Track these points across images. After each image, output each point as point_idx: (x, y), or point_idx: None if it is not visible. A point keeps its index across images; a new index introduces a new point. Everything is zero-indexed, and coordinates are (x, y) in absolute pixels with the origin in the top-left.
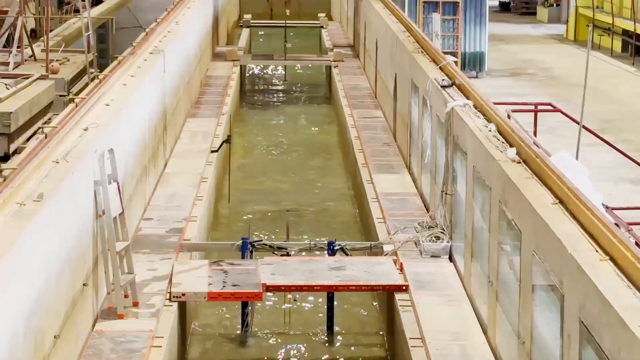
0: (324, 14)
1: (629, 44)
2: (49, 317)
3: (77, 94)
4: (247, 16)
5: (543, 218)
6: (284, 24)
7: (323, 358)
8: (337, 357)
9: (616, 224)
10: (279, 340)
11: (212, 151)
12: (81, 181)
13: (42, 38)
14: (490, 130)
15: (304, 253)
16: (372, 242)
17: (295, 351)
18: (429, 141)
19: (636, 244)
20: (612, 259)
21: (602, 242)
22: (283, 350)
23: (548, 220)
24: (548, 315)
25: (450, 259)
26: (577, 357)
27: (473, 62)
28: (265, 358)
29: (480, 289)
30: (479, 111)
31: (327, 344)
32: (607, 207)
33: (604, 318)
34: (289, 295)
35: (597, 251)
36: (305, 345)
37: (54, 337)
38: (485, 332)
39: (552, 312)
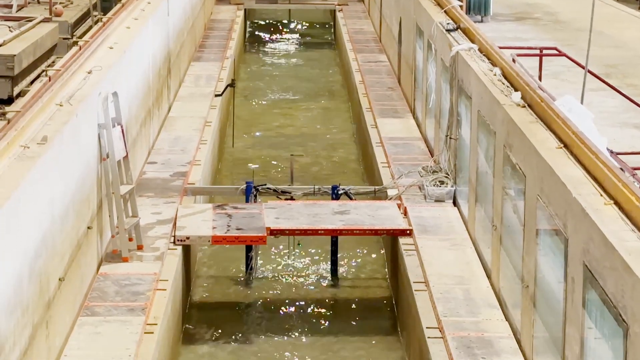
0: None
1: None
2: (54, 260)
3: (80, 36)
4: None
5: (547, 162)
6: None
7: (327, 301)
8: (341, 300)
9: (621, 169)
10: (283, 284)
11: (216, 95)
12: (85, 124)
13: None
14: (495, 75)
15: (308, 197)
16: (376, 187)
17: (299, 295)
18: (433, 85)
19: None
20: (616, 203)
21: (607, 186)
22: (287, 293)
23: (552, 164)
24: (552, 259)
25: (454, 203)
26: (580, 301)
27: (478, 6)
28: (269, 296)
29: (484, 233)
30: (484, 55)
31: (331, 288)
32: (611, 152)
33: (607, 262)
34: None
35: (601, 195)
36: (309, 289)
37: (59, 279)
38: (488, 276)
39: (555, 256)
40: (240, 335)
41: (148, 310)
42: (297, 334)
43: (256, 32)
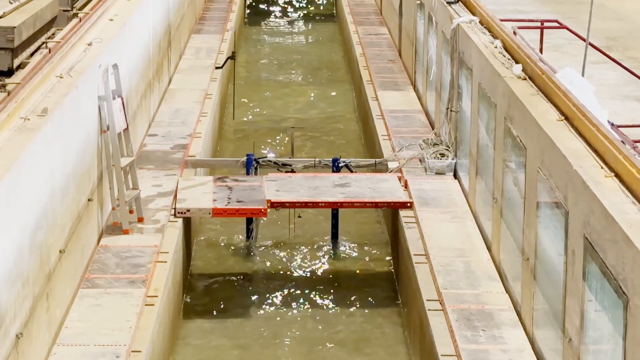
0: None
1: None
2: (54, 232)
3: (80, 8)
4: None
5: (548, 134)
6: None
7: (327, 274)
8: (342, 272)
9: (621, 141)
10: (284, 256)
11: (217, 67)
12: (85, 96)
13: None
14: (496, 47)
15: (308, 170)
16: (377, 159)
17: (299, 268)
18: (434, 58)
19: None
20: (617, 176)
21: (608, 158)
22: (287, 265)
23: (553, 136)
24: (552, 232)
25: (455, 176)
26: (581, 273)
27: None
28: (270, 269)
29: (484, 205)
30: (484, 28)
31: (331, 260)
32: (612, 124)
33: (608, 234)
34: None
35: (602, 167)
36: (309, 261)
37: (59, 251)
38: (489, 249)
39: (556, 228)
40: (240, 307)
41: (149, 283)
42: (297, 306)
43: (257, 5)
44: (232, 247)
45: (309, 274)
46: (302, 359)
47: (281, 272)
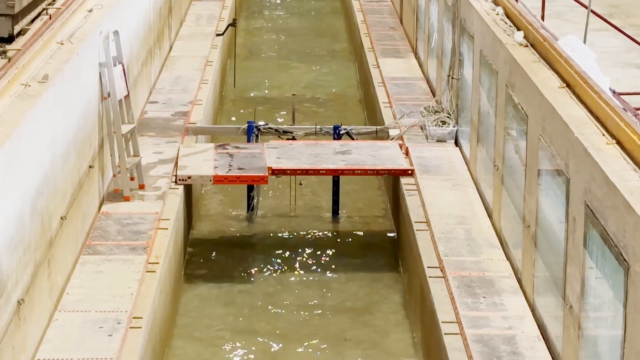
0: None
1: None
2: (55, 199)
3: None
4: None
5: (550, 102)
6: None
7: (328, 241)
8: (343, 240)
9: (623, 109)
10: (284, 224)
11: (218, 34)
12: (86, 63)
13: None
14: (497, 14)
15: (309, 137)
16: (378, 127)
17: (300, 235)
18: (435, 25)
19: None
20: (618, 143)
21: (609, 125)
22: (288, 233)
23: (555, 103)
24: (553, 199)
25: (456, 143)
26: (581, 240)
27: None
28: (270, 236)
29: (485, 173)
30: None
31: (332, 228)
32: (614, 92)
33: (609, 201)
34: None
35: (603, 135)
36: (310, 229)
37: (61, 218)
38: (490, 216)
39: (557, 195)
40: (241, 274)
41: (150, 249)
42: (298, 273)
43: None
44: (233, 215)
45: (310, 242)
46: (302, 325)
47: (282, 240)
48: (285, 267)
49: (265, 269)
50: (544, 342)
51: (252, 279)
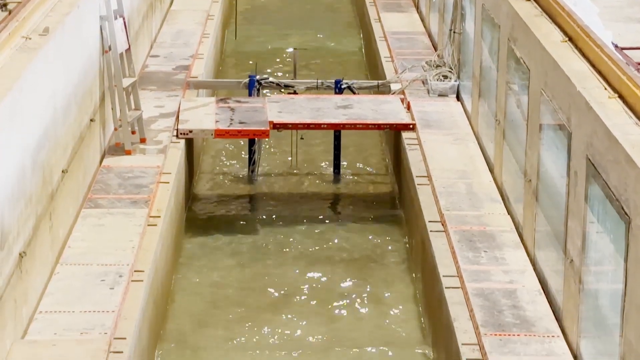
0: None
1: None
2: (57, 152)
3: None
4: None
5: (552, 56)
6: None
7: (330, 195)
8: (344, 195)
9: (626, 63)
10: (285, 178)
11: None
12: (87, 16)
13: None
14: None
15: (311, 91)
16: (380, 81)
17: (301, 189)
18: None
19: None
20: (620, 97)
21: (611, 79)
22: (289, 187)
23: (557, 57)
24: (555, 153)
25: (458, 97)
26: (583, 194)
27: None
28: (272, 191)
29: (487, 127)
30: None
31: (334, 182)
32: (616, 46)
33: (611, 155)
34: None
35: (605, 89)
36: (311, 183)
37: (62, 171)
38: (491, 171)
39: (558, 150)
40: (241, 227)
41: (151, 203)
42: (299, 227)
43: None
44: (234, 170)
45: (311, 196)
46: (303, 276)
47: (283, 194)
48: (286, 221)
49: (265, 222)
50: (544, 296)
51: (253, 233)
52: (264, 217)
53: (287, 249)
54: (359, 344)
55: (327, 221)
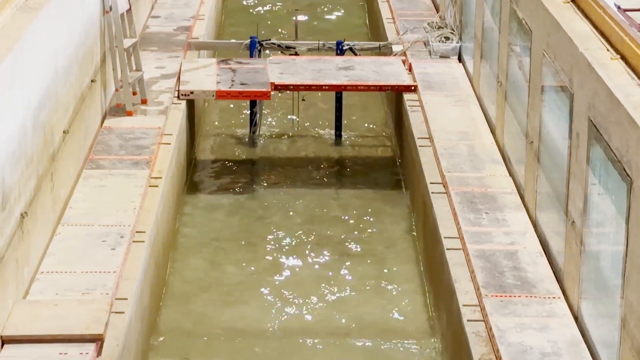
0: None
1: None
2: (58, 112)
3: None
4: None
5: (554, 17)
6: None
7: (331, 157)
8: (345, 157)
9: (628, 24)
10: (287, 141)
11: None
12: None
13: None
14: None
15: (312, 53)
16: (381, 43)
17: (303, 151)
18: None
19: None
20: (623, 58)
21: (614, 40)
22: (291, 149)
23: (559, 18)
24: (556, 115)
25: (460, 59)
26: (585, 156)
27: None
28: (273, 153)
29: (489, 89)
30: None
31: (335, 144)
32: (619, 8)
33: (613, 116)
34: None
35: (608, 50)
36: (313, 145)
37: (63, 132)
38: (493, 132)
39: (560, 111)
40: (243, 189)
41: (152, 164)
42: (300, 188)
43: None
44: (236, 131)
45: (312, 158)
46: (305, 235)
47: (284, 157)
48: (288, 183)
49: (266, 184)
50: (545, 257)
51: (255, 194)
52: (265, 178)
53: (289, 211)
54: (361, 303)
55: (328, 183)
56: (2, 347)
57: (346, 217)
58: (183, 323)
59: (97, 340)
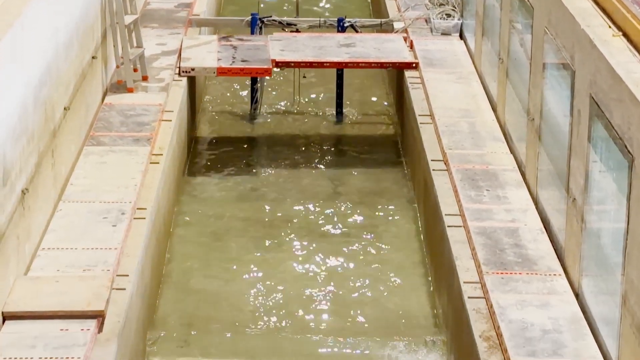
0: None
1: None
2: (59, 89)
3: None
4: None
5: None
6: None
7: (332, 134)
8: (346, 134)
9: (630, 1)
10: (288, 119)
11: None
12: None
13: None
14: None
15: (313, 30)
16: (383, 19)
17: (304, 128)
18: None
19: None
20: (625, 35)
21: (616, 17)
22: (291, 127)
23: None
24: (558, 92)
25: (461, 36)
26: (586, 133)
27: None
28: (274, 131)
29: (490, 66)
30: None
31: (336, 121)
32: None
33: (614, 93)
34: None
35: (610, 27)
36: (314, 122)
37: (64, 108)
38: (494, 109)
39: (562, 88)
40: (244, 166)
41: (153, 141)
42: (302, 166)
43: None
44: (236, 109)
45: (313, 136)
46: (306, 212)
47: (285, 134)
48: (289, 161)
49: (268, 162)
50: (546, 234)
51: (255, 171)
52: (266, 155)
53: (289, 188)
54: (361, 280)
55: (328, 160)
56: (3, 323)
57: (347, 195)
58: (183, 300)
59: (98, 316)
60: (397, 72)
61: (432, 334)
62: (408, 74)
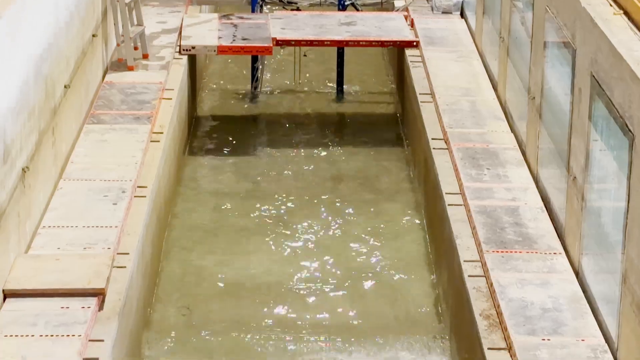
0: None
1: None
2: (59, 66)
3: None
4: None
5: None
6: None
7: (333, 113)
8: (346, 113)
9: None
10: (288, 98)
11: None
12: None
13: None
14: None
15: (314, 8)
16: None
17: (304, 107)
18: None
19: None
20: (625, 13)
21: None
22: (292, 106)
23: None
24: (559, 71)
25: (462, 15)
26: (587, 111)
27: None
28: (275, 110)
29: (491, 45)
30: None
31: (337, 100)
32: None
33: (615, 72)
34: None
35: (611, 5)
36: (314, 102)
37: (65, 86)
38: (495, 88)
39: (563, 67)
40: (245, 145)
41: (154, 119)
42: (302, 145)
43: None
44: (237, 87)
45: (314, 115)
46: (306, 190)
47: (286, 112)
48: (290, 140)
49: (268, 141)
50: (547, 213)
51: (256, 150)
52: (267, 134)
53: (290, 166)
54: (362, 256)
55: (329, 139)
56: (4, 301)
57: (347, 173)
58: (184, 276)
59: (99, 294)
60: (397, 51)
61: (431, 310)
62: (409, 52)
